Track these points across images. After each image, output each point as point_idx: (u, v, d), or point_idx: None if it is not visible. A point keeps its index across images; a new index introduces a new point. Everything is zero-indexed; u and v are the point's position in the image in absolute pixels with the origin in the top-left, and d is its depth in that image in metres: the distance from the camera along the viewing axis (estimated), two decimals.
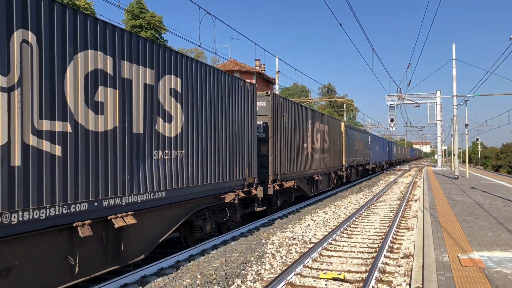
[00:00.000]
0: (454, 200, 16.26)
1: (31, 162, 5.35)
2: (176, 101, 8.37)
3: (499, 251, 7.84)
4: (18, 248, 5.28)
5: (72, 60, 6.00)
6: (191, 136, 8.89)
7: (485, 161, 79.60)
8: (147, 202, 7.48)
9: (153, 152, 7.67)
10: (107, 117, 6.64)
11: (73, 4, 27.26)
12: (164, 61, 8.02)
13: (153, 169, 7.64)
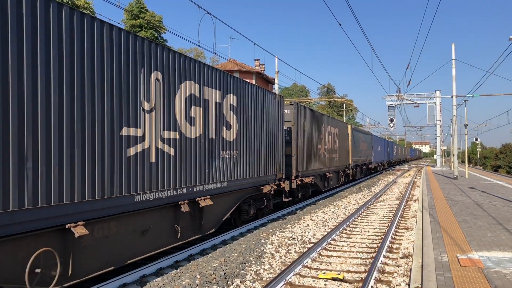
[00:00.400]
0: (453, 200, 16.27)
1: (159, 159, 7.89)
2: (233, 114, 10.92)
3: (498, 251, 7.84)
4: (151, 217, 7.91)
5: (179, 89, 8.57)
6: (242, 140, 11.43)
7: (485, 161, 79.65)
8: (217, 189, 10.08)
9: (220, 152, 10.23)
10: (196, 127, 9.18)
11: (72, 3, 27.23)
12: (227, 84, 10.62)
13: (220, 165, 10.21)
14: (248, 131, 11.83)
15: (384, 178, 38.54)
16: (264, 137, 12.98)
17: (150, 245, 7.94)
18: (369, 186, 28.57)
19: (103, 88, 6.63)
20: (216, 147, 9.99)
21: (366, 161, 35.66)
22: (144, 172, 7.46)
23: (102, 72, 6.59)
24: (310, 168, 18.10)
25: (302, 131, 16.96)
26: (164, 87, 8.03)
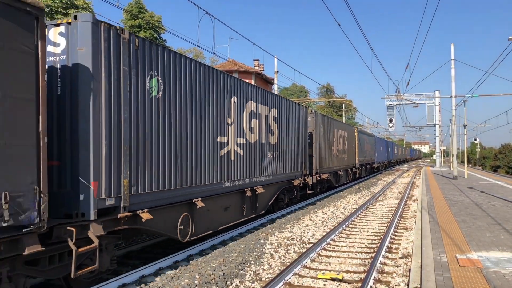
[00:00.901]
0: (452, 200, 16.28)
1: (235, 158, 11.10)
2: (275, 123, 14.21)
3: (497, 251, 7.85)
4: (230, 198, 11.20)
5: (245, 108, 11.76)
6: (281, 143, 14.62)
7: (484, 161, 79.62)
8: (266, 181, 13.40)
9: (268, 153, 13.48)
10: (254, 135, 12.39)
11: (71, 3, 27.19)
12: (271, 100, 13.90)
13: (268, 162, 13.45)
14: (284, 136, 15.11)
15: (383, 178, 38.55)
16: (295, 140, 16.19)
17: (229, 218, 11.26)
18: (368, 186, 28.58)
19: (209, 111, 9.75)
20: (265, 149, 13.29)
21: (370, 161, 38.73)
22: (227, 167, 10.69)
23: (208, 100, 9.79)
24: (326, 167, 21.15)
25: (320, 135, 20.00)
26: (237, 107, 11.26)
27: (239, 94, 11.40)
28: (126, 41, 7.03)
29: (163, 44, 38.14)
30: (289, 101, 16.12)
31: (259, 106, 12.80)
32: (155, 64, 7.83)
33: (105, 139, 6.58)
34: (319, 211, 16.04)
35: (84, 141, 6.31)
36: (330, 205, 18.07)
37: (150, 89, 7.68)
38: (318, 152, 19.47)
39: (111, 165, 6.70)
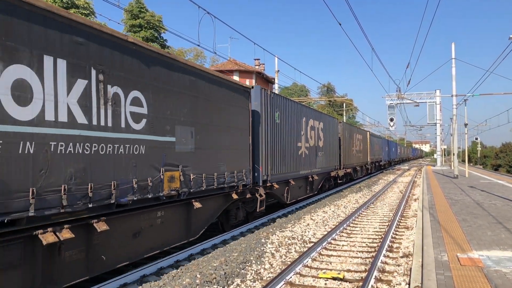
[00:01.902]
0: (453, 199, 16.28)
1: (304, 156, 17.05)
2: (322, 132, 20.31)
3: (498, 250, 7.85)
4: (302, 181, 17.62)
5: (308, 123, 17.75)
6: (324, 146, 20.56)
7: (485, 160, 79.60)
8: (316, 172, 19.12)
9: (318, 153, 19.30)
10: (312, 141, 18.28)
11: (72, 3, 27.20)
12: (320, 116, 20.34)
13: (317, 159, 19.10)
14: (326, 141, 21.15)
15: (384, 177, 38.53)
16: (331, 143, 22.47)
17: (302, 194, 17.74)
18: (369, 185, 28.57)
19: (294, 127, 16.03)
20: (317, 150, 19.33)
21: (378, 159, 45.06)
22: (301, 161, 16.73)
23: (294, 120, 16.02)
24: (349, 163, 27.35)
25: (345, 139, 26.22)
26: (305, 123, 17.41)
27: (306, 115, 17.73)
28: (268, 95, 13.38)
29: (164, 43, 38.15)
30: (329, 116, 23.59)
31: (314, 121, 19.06)
32: (277, 105, 14.19)
33: (264, 146, 12.90)
34: (320, 211, 16.04)
35: (258, 147, 12.57)
36: (331, 204, 18.07)
37: (275, 119, 13.99)
38: (344, 152, 25.88)
39: (266, 159, 12.98)
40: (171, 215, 8.57)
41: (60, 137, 5.70)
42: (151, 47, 7.87)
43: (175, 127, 8.34)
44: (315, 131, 19.04)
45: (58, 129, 5.67)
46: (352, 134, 28.94)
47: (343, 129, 25.67)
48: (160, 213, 8.21)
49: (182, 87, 8.60)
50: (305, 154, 17.23)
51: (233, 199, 10.95)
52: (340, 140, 24.80)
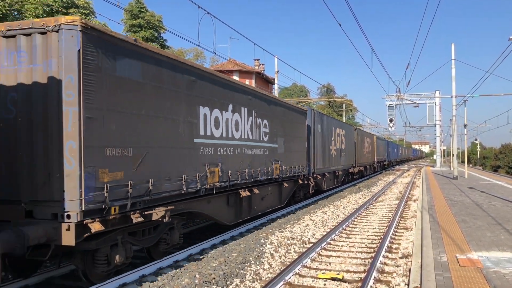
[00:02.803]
0: (452, 200, 16.28)
1: (334, 156, 22.72)
2: (343, 137, 25.56)
3: (497, 251, 7.86)
4: (332, 174, 23.46)
5: (335, 131, 23.37)
6: (345, 149, 25.74)
7: (484, 161, 79.56)
8: (340, 168, 24.73)
9: (341, 153, 24.62)
10: (336, 145, 23.39)
11: (72, 3, 27.17)
12: (342, 125, 26.56)
13: (341, 159, 24.48)
14: (346, 144, 26.27)
15: (383, 178, 38.54)
16: (349, 146, 27.86)
17: (332, 184, 23.27)
18: (369, 186, 28.58)
19: (327, 134, 21.32)
20: (341, 151, 24.21)
21: (382, 159, 50.57)
22: (331, 160, 21.90)
23: (327, 130, 21.46)
24: (361, 162, 32.93)
25: (358, 142, 32.15)
26: (334, 131, 22.64)
27: (334, 125, 23.52)
28: (314, 113, 19.13)
29: (164, 43, 38.10)
30: (348, 124, 31.25)
31: (339, 129, 24.48)
32: (318, 119, 19.52)
33: (312, 149, 18.16)
34: (319, 211, 16.04)
35: (309, 150, 17.87)
36: (331, 204, 18.07)
37: (318, 129, 19.01)
38: (358, 153, 31.46)
39: (314, 158, 18.20)
40: (274, 189, 14.58)
41: (243, 145, 11.41)
42: (273, 97, 15.48)
43: (277, 138, 14.23)
44: (340, 137, 24.66)
45: (238, 141, 11.14)
46: (363, 138, 35.47)
47: (357, 134, 32.23)
48: (270, 188, 14.11)
49: (281, 115, 14.66)
50: (334, 155, 22.87)
51: (298, 183, 17.06)
52: (355, 144, 30.65)
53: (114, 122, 6.60)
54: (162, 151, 7.81)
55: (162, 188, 7.75)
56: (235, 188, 11.04)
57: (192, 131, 8.85)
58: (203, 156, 9.23)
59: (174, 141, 8.18)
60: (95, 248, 6.68)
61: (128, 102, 6.92)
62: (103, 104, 6.37)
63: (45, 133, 6.09)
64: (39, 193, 6.08)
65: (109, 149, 6.48)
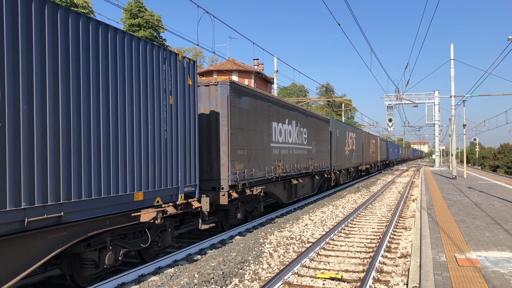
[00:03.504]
0: (451, 200, 16.30)
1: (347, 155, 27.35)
2: (354, 139, 30.07)
3: (496, 251, 7.86)
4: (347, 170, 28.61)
5: (349, 135, 28.22)
6: (356, 149, 30.20)
7: (483, 161, 79.72)
8: (352, 166, 29.36)
9: (353, 153, 29.14)
10: (349, 146, 28.11)
11: (71, 2, 27.15)
12: (353, 129, 30.97)
13: (352, 158, 28.93)
14: (356, 145, 29.99)
15: (382, 178, 38.56)
16: (359, 147, 31.33)
17: (346, 179, 27.97)
18: (368, 186, 28.59)
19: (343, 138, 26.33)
20: (352, 152, 28.27)
21: (385, 158, 55.09)
22: (345, 159, 26.44)
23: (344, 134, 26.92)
24: (367, 161, 37.33)
25: (365, 143, 36.21)
26: (348, 134, 27.48)
27: (348, 129, 27.86)
28: (334, 121, 24.18)
29: (163, 43, 38.08)
30: (357, 128, 35.08)
31: (351, 133, 28.69)
32: (337, 125, 24.24)
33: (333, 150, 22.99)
34: (318, 211, 16.05)
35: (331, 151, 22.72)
36: (329, 204, 18.07)
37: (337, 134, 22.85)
38: (365, 153, 35.80)
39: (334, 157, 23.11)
40: (309, 180, 19.03)
41: (293, 147, 15.95)
42: (309, 111, 19.44)
43: (312, 142, 18.67)
44: (352, 139, 29.03)
45: (290, 144, 15.68)
46: (369, 139, 39.68)
47: (364, 137, 36.10)
48: (307, 179, 18.51)
49: (313, 124, 19.14)
50: (347, 155, 27.32)
51: (324, 176, 21.64)
52: (363, 145, 34.58)
53: (240, 135, 11.33)
54: (257, 152, 12.55)
55: (257, 175, 12.48)
56: (289, 177, 15.72)
57: (269, 139, 13.63)
58: (274, 155, 13.98)
59: (262, 145, 12.97)
60: (230, 208, 11.47)
61: (245, 123, 11.65)
62: (236, 124, 11.05)
63: (209, 141, 10.58)
64: (204, 175, 10.47)
65: (238, 150, 11.12)
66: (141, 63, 7.35)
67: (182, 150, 8.56)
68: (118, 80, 6.84)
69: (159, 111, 7.80)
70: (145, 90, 7.47)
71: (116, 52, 6.83)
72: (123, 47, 6.96)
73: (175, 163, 8.34)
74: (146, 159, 7.47)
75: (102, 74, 6.52)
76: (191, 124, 8.91)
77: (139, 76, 7.32)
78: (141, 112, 7.34)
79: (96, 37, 6.42)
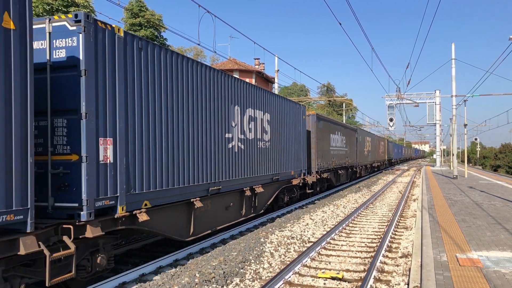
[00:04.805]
0: (452, 199, 16.28)
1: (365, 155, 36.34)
2: (370, 142, 38.37)
3: (497, 250, 7.85)
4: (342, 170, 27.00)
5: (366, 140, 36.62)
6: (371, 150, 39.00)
7: (484, 161, 79.57)
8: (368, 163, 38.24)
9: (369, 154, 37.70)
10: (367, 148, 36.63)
11: (72, 2, 27.15)
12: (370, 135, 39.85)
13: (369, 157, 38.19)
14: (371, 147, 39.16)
15: (383, 177, 38.54)
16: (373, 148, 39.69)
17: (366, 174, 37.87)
18: (369, 185, 28.58)
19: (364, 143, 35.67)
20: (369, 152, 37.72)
21: (391, 157, 61.75)
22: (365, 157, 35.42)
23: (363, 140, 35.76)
24: (378, 159, 44.14)
25: (376, 145, 42.58)
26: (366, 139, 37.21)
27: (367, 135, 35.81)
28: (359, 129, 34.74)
29: (164, 42, 38.06)
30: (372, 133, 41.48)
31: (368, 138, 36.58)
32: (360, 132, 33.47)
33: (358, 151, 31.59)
34: (319, 210, 16.04)
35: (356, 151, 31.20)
36: (330, 204, 18.07)
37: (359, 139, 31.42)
38: (377, 153, 43.22)
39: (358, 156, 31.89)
40: (345, 172, 27.04)
41: (339, 149, 25.28)
42: (346, 124, 32.06)
43: (347, 145, 26.89)
44: (368, 142, 36.94)
45: (338, 148, 24.91)
46: (379, 141, 47.28)
47: (376, 139, 44.18)
48: (343, 171, 26.41)
49: (348, 133, 27.04)
50: (366, 154, 34.64)
51: (353, 170, 29.10)
52: (375, 146, 41.78)
53: (321, 142, 19.63)
54: (324, 152, 20.33)
55: (324, 166, 20.20)
56: (336, 169, 23.37)
57: (329, 144, 21.65)
58: (331, 154, 21.91)
59: (327, 148, 21.04)
60: (316, 182, 19.55)
61: (321, 135, 19.86)
62: (319, 136, 19.33)
63: (307, 146, 17.99)
64: (296, 166, 16.27)
65: (319, 152, 19.22)
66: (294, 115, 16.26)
67: (302, 150, 17.12)
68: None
69: (298, 134, 16.68)
70: (294, 126, 16.24)
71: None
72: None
73: (299, 157, 16.84)
74: (291, 156, 15.83)
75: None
76: (301, 137, 17.12)
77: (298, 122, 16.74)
78: (290, 134, 15.75)
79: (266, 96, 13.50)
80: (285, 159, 14.89)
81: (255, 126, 12.32)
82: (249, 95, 11.95)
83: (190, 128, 8.79)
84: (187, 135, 8.66)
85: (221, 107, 10.20)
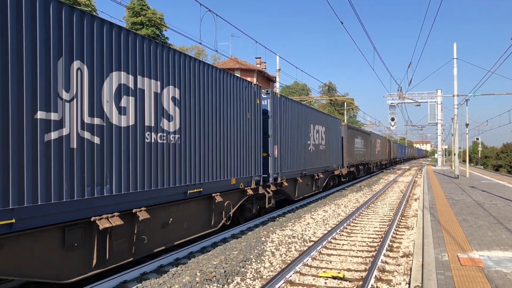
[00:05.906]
0: (454, 199, 16.26)
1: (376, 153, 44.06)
2: (379, 144, 46.51)
3: (498, 250, 7.84)
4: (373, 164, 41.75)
5: (376, 141, 44.48)
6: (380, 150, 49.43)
7: (485, 160, 79.50)
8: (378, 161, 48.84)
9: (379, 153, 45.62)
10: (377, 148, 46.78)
11: (73, 0, 27.15)
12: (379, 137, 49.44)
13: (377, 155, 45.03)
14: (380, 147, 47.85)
15: (384, 177, 38.52)
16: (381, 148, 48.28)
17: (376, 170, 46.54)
18: (370, 185, 28.56)
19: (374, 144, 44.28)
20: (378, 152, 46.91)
21: (395, 157, 67.10)
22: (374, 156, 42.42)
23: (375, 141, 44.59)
24: (384, 158, 50.08)
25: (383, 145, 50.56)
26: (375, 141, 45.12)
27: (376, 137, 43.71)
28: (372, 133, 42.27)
29: (166, 41, 38.06)
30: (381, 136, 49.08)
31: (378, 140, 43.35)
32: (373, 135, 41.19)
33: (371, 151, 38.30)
34: (320, 210, 16.03)
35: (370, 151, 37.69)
36: (332, 203, 18.06)
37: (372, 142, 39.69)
38: (383, 152, 47.12)
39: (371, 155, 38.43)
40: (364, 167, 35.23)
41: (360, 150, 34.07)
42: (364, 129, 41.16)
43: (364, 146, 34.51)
44: (378, 143, 42.81)
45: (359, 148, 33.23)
46: (385, 142, 52.24)
47: (384, 141, 49.56)
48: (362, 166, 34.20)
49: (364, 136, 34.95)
50: (377, 154, 40.19)
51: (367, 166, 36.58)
52: (383, 147, 46.79)
53: (349, 145, 26.95)
54: (351, 152, 27.65)
55: (351, 162, 27.71)
56: (358, 165, 29.66)
57: (354, 146, 28.79)
58: (355, 154, 29.16)
59: (353, 149, 28.45)
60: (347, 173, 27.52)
61: (349, 139, 27.03)
62: (346, 140, 26.34)
63: (341, 147, 24.79)
64: (333, 162, 22.40)
65: (348, 152, 26.54)
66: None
67: (339, 151, 23.59)
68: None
69: (337, 139, 23.50)
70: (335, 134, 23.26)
71: None
72: None
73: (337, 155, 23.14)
74: (334, 154, 22.43)
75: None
76: (339, 141, 23.51)
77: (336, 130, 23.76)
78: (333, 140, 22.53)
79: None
80: (331, 156, 21.79)
81: (319, 135, 19.30)
82: (315, 116, 18.91)
83: (302, 141, 16.97)
84: (300, 145, 16.56)
85: (302, 125, 16.76)
